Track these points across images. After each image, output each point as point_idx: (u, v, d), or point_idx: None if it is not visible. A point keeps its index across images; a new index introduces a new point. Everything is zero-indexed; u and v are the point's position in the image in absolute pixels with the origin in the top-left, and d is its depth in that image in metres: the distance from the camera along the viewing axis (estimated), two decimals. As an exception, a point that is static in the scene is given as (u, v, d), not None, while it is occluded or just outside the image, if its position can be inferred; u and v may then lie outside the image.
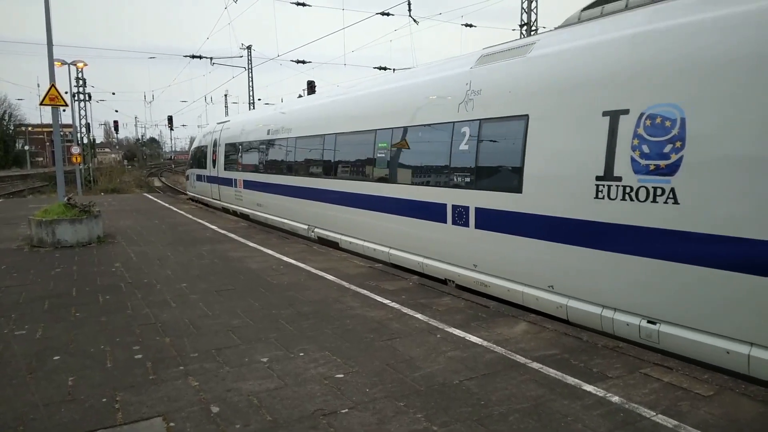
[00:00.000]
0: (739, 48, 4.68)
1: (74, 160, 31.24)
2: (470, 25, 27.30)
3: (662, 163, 5.14)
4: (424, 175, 8.59)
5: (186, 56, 33.61)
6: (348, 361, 5.02)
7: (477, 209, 7.45)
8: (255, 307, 6.85)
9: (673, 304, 5.15)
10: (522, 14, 22.13)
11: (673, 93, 5.12)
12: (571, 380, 4.55)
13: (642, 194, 5.31)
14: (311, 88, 33.29)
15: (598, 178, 5.70)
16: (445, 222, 8.01)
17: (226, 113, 61.27)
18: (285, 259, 10.05)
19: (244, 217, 17.10)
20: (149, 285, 8.10)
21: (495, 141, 7.25)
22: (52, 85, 13.61)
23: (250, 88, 43.28)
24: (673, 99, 5.12)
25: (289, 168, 13.66)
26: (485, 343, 5.46)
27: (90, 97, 41.65)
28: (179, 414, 4.00)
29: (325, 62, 38.81)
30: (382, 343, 5.50)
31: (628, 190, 5.43)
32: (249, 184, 16.58)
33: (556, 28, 7.26)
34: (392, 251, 9.50)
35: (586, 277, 5.99)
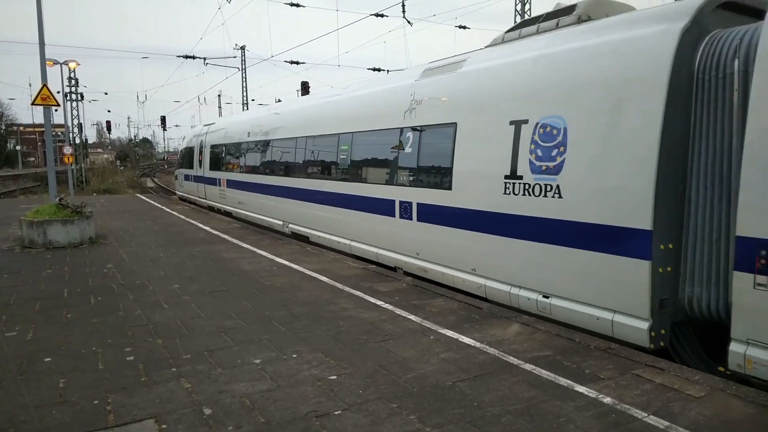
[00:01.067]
0: (600, 72, 5.90)
1: (66, 160, 31.05)
2: (464, 27, 27.34)
3: (551, 164, 6.25)
4: (377, 174, 9.66)
5: (179, 56, 33.50)
6: (341, 363, 5.02)
7: (418, 204, 8.50)
8: (248, 309, 6.84)
9: (560, 281, 6.28)
10: (516, 16, 22.20)
11: (559, 106, 6.23)
12: (563, 381, 4.56)
13: (537, 190, 6.42)
14: (305, 88, 33.26)
15: (506, 177, 6.81)
16: (394, 216, 9.07)
17: (220, 114, 61.08)
18: (278, 260, 10.03)
19: (227, 214, 18.05)
20: (141, 286, 8.06)
21: (432, 145, 8.28)
22: (44, 85, 13.54)
23: (244, 89, 43.20)
24: (559, 112, 6.22)
25: (266, 168, 14.70)
26: (478, 345, 5.47)
27: (82, 97, 41.42)
28: (171, 416, 3.98)
29: (319, 63, 38.87)
30: (376, 345, 5.50)
31: (527, 186, 6.55)
32: (231, 184, 17.50)
33: (484, 47, 8.47)
34: (353, 243, 10.48)
35: (498, 261, 7.10)
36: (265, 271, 9.05)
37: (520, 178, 6.60)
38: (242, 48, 41.62)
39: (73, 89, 38.67)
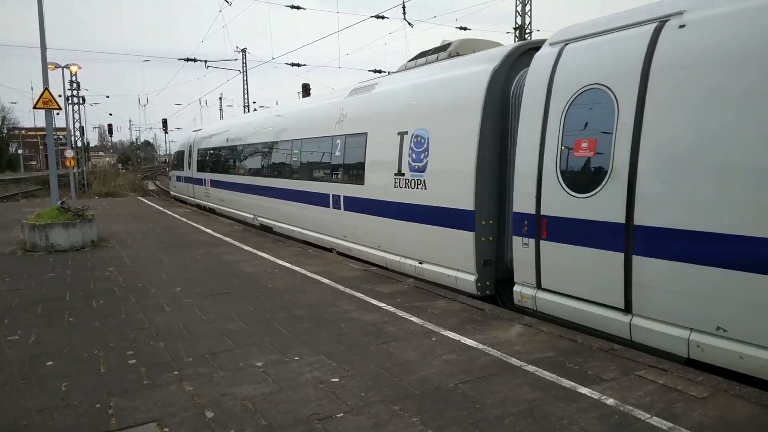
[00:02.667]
0: (450, 96, 8.01)
1: (68, 163, 31.11)
2: (465, 28, 27.36)
3: (420, 164, 8.34)
4: (318, 174, 11.76)
5: (180, 59, 33.51)
6: (343, 365, 5.01)
7: (344, 197, 10.59)
8: (250, 311, 6.83)
9: (428, 251, 8.40)
10: (516, 17, 22.21)
11: (425, 122, 8.32)
12: (566, 383, 4.55)
13: (413, 184, 8.52)
14: (306, 90, 33.29)
15: (395, 174, 8.91)
16: (329, 207, 11.18)
17: (221, 116, 61.17)
18: (280, 262, 10.03)
19: (211, 210, 20.22)
20: (143, 289, 8.06)
21: (352, 149, 10.27)
22: (46, 89, 13.56)
23: (245, 91, 43.24)
24: (425, 125, 8.31)
25: (239, 169, 17.03)
26: (480, 346, 5.46)
27: (84, 100, 41.53)
28: (173, 419, 3.98)
29: (320, 65, 38.81)
30: (378, 347, 5.49)
31: (407, 181, 8.66)
32: (214, 183, 19.79)
33: (391, 73, 10.87)
34: (304, 231, 12.58)
35: (392, 239, 9.23)
36: (266, 274, 9.05)
37: (403, 174, 8.76)
38: (243, 50, 41.69)
39: (75, 93, 38.75)
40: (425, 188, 8.26)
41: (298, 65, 33.74)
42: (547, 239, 6.37)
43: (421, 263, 8.56)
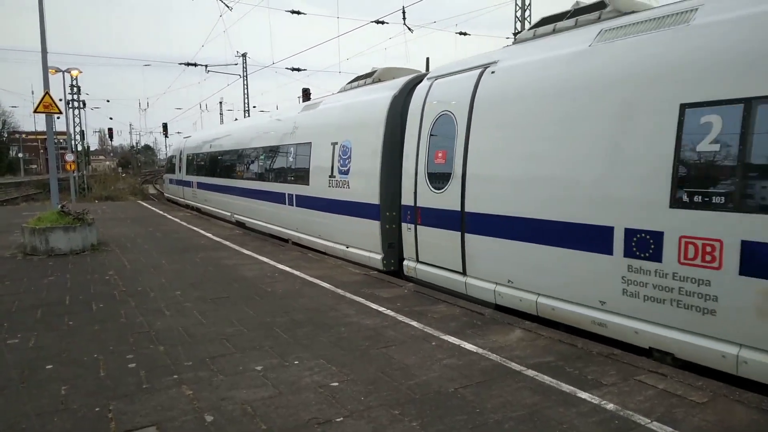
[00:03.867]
0: (365, 114, 10.10)
1: (68, 167, 31.11)
2: (464, 33, 27.43)
3: (345, 168, 10.38)
4: (278, 176, 13.90)
5: (181, 64, 33.56)
6: (343, 369, 5.00)
7: (296, 195, 12.73)
8: (249, 315, 6.83)
9: (352, 237, 10.35)
10: (516, 23, 22.27)
11: (349, 134, 10.41)
12: (566, 387, 4.55)
13: (341, 184, 10.56)
14: (306, 95, 33.32)
15: (329, 176, 11.01)
16: (285, 204, 13.28)
17: (221, 121, 61.27)
18: (280, 266, 10.04)
19: (198, 210, 22.28)
20: (143, 293, 8.06)
21: (301, 156, 12.42)
22: (47, 93, 13.59)
23: (245, 96, 43.31)
24: (349, 138, 10.39)
25: (219, 172, 19.19)
26: (480, 351, 5.46)
27: (84, 104, 41.60)
28: (173, 423, 3.98)
29: (320, 70, 39.01)
30: (377, 351, 5.49)
31: (337, 182, 10.71)
32: (200, 185, 21.88)
33: (334, 93, 13.05)
34: (269, 225, 14.57)
35: (328, 228, 11.29)
36: (266, 278, 9.05)
37: (334, 176, 10.81)
38: (243, 55, 41.79)
39: (75, 97, 38.82)
40: (348, 187, 10.38)
41: (299, 70, 33.82)
42: (421, 224, 8.50)
43: (347, 247, 10.63)
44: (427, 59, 17.19)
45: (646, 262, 5.35)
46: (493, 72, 7.35)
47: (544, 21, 7.49)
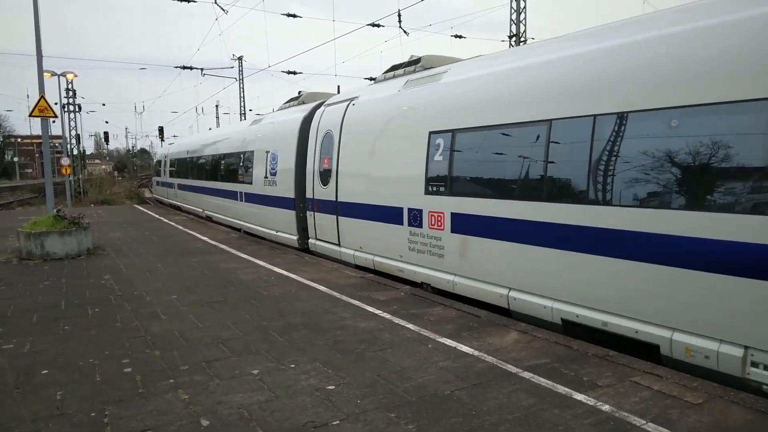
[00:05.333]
0: (287, 129, 13.16)
1: (64, 171, 30.97)
2: (460, 36, 27.49)
3: (274, 170, 13.30)
4: (233, 178, 16.91)
5: (177, 67, 33.50)
6: (339, 373, 5.00)
7: (245, 193, 15.71)
8: (245, 319, 6.82)
9: (279, 224, 13.27)
10: (511, 25, 22.34)
11: (275, 145, 13.47)
12: (562, 389, 4.56)
13: (272, 182, 13.43)
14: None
15: (264, 177, 14.00)
16: (238, 200, 16.39)
17: (217, 124, 61.22)
18: (276, 270, 10.03)
19: (178, 208, 25.33)
20: (139, 297, 8.04)
21: (248, 161, 15.42)
22: (42, 97, 13.55)
23: (241, 99, 43.28)
24: (275, 147, 13.38)
25: (193, 175, 22.27)
26: (476, 353, 5.47)
27: (80, 108, 41.41)
28: (169, 428, 3.97)
29: (316, 73, 38.97)
30: (374, 354, 5.49)
31: (269, 181, 13.65)
32: (180, 186, 24.91)
33: (273, 111, 16.87)
34: (228, 218, 17.56)
35: (265, 218, 14.28)
36: (262, 281, 9.04)
37: (267, 177, 13.87)
38: (239, 58, 41.73)
39: (71, 100, 38.72)
40: (276, 186, 13.43)
41: (294, 73, 33.80)
42: (317, 211, 11.56)
43: (277, 232, 13.64)
44: (338, 87, 19.45)
45: (416, 228, 8.46)
46: (353, 104, 10.58)
47: (391, 68, 10.56)
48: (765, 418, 3.99)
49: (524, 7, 22.24)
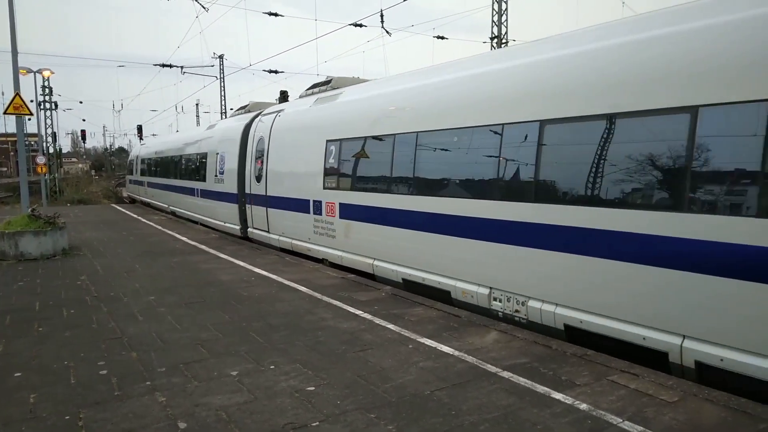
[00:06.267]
0: (232, 134, 15.26)
1: (39, 170, 30.41)
2: (442, 37, 27.57)
3: (222, 170, 15.44)
4: (191, 176, 18.85)
5: (156, 65, 33.06)
6: (319, 374, 4.98)
7: (200, 189, 17.64)
8: (225, 320, 6.76)
9: (224, 216, 15.53)
10: (492, 27, 22.48)
11: (223, 147, 15.61)
12: (540, 388, 4.59)
13: (220, 180, 15.58)
14: (284, 97, 33.07)
15: (214, 175, 16.01)
16: (195, 196, 18.30)
17: (198, 123, 60.63)
18: (257, 270, 9.96)
19: (148, 204, 27.06)
20: (116, 298, 7.92)
21: (203, 162, 17.36)
22: (17, 94, 13.29)
23: (222, 98, 42.88)
24: (225, 150, 15.47)
25: (159, 173, 24.22)
26: (457, 353, 5.49)
27: (56, 105, 40.65)
28: (145, 431, 3.91)
29: (298, 72, 38.74)
30: (354, 355, 5.48)
31: (218, 179, 15.77)
32: (149, 184, 26.67)
33: (227, 117, 21.96)
34: (189, 213, 19.22)
35: (216, 212, 16.22)
36: (242, 282, 8.97)
37: (217, 176, 15.79)
38: (220, 57, 41.34)
39: (47, 98, 38.01)
40: (224, 183, 15.37)
41: (276, 72, 33.57)
42: (252, 204, 13.64)
43: (225, 223, 15.60)
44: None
45: (318, 216, 10.66)
46: (279, 116, 12.72)
47: (311, 87, 12.67)
48: (738, 415, 4.07)
49: (506, 10, 22.39)
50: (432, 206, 7.70)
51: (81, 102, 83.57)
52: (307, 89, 12.64)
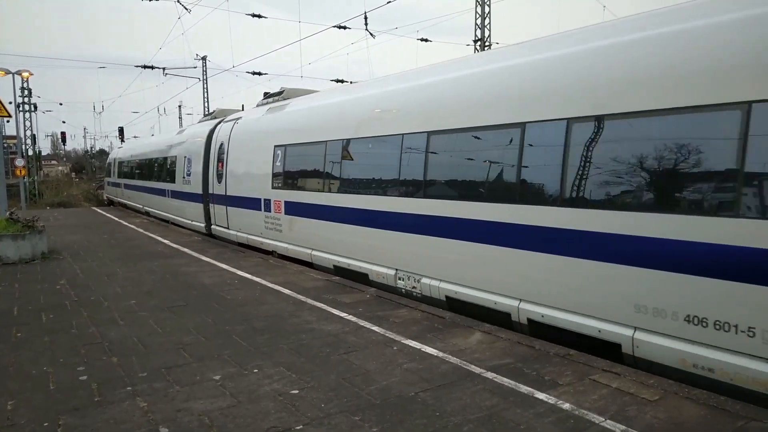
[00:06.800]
0: (197, 139, 16.57)
1: (18, 173, 29.93)
2: (426, 40, 27.66)
3: (189, 172, 16.61)
4: (163, 178, 19.73)
5: (138, 66, 32.73)
6: (303, 377, 4.96)
7: (171, 190, 18.63)
8: (208, 324, 6.70)
9: (191, 214, 16.70)
10: (476, 30, 22.61)
11: (190, 151, 16.81)
12: (524, 389, 4.62)
13: (188, 182, 16.68)
14: (268, 99, 32.90)
15: (182, 177, 17.14)
16: (166, 196, 19.33)
17: (180, 124, 60.11)
18: (240, 273, 9.89)
19: (124, 206, 28.02)
20: (96, 303, 7.81)
21: (172, 164, 18.44)
22: (-6, 96, 13.06)
23: (205, 99, 42.57)
24: (191, 153, 16.63)
25: (134, 176, 25.31)
26: (441, 354, 5.50)
27: (36, 107, 40.08)
28: (126, 436, 3.86)
29: (281, 74, 38.59)
30: (339, 357, 5.46)
31: (185, 181, 16.86)
32: (125, 186, 27.57)
33: (194, 124, 21.48)
34: (162, 213, 20.18)
35: (185, 210, 17.28)
36: (225, 285, 8.90)
37: (185, 177, 16.80)
38: (203, 58, 41.05)
39: (26, 100, 37.41)
40: (190, 184, 16.41)
41: (259, 74, 33.45)
42: (215, 204, 14.75)
43: (192, 221, 16.62)
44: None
45: (267, 213, 12.00)
46: (237, 123, 14.02)
47: (266, 96, 13.96)
48: (717, 413, 4.13)
49: (488, 13, 22.55)
50: (351, 202, 9.15)
51: (61, 104, 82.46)
52: (263, 99, 13.96)
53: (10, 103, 33.39)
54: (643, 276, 4.99)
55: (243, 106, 29.96)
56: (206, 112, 42.65)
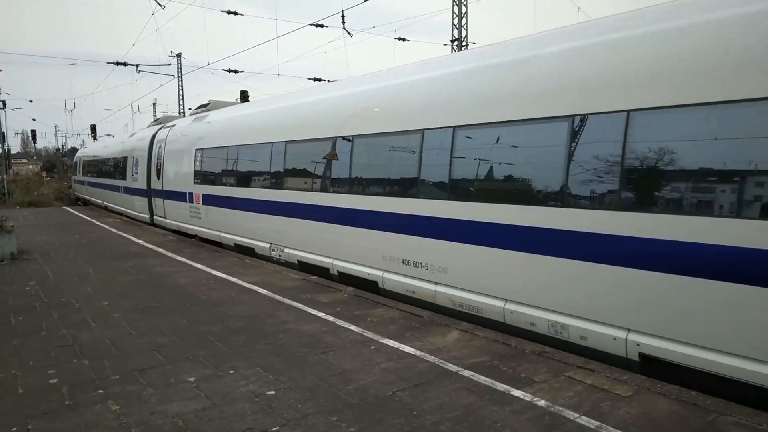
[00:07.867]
0: (143, 143, 19.01)
1: (-14, 171, 29.06)
2: (403, 39, 27.67)
3: (137, 171, 19.14)
4: (118, 175, 21.37)
5: (110, 63, 32.06)
6: (280, 377, 4.92)
7: (123, 187, 20.69)
8: (182, 325, 6.60)
9: (141, 208, 19.06)
10: (453, 30, 22.70)
11: (138, 152, 19.06)
12: (500, 386, 4.65)
13: (135, 179, 19.23)
14: (245, 98, 32.53)
15: (132, 175, 19.56)
16: (120, 192, 21.42)
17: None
18: (215, 273, 9.77)
19: (87, 202, 29.91)
20: (67, 304, 7.64)
21: (125, 163, 20.40)
22: (-41, 92, 12.68)
23: (180, 97, 41.95)
24: (139, 154, 18.87)
25: (94, 173, 27.36)
26: (418, 353, 5.50)
27: (4, 104, 38.99)
28: (98, 441, 3.77)
29: (258, 72, 38.17)
30: (316, 357, 5.43)
31: (134, 179, 19.31)
32: (90, 183, 28.93)
33: (145, 128, 22.52)
34: (118, 207, 22.12)
35: (134, 205, 19.63)
36: (201, 285, 8.78)
37: (133, 175, 19.28)
38: (178, 55, 40.43)
39: (-6, 96, 36.34)
40: (138, 181, 18.62)
41: (236, 72, 33.02)
42: (155, 197, 17.16)
43: (139, 213, 18.78)
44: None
45: (192, 204, 14.28)
46: (172, 129, 16.48)
47: (197, 107, 16.51)
48: (689, 407, 4.21)
49: (465, 13, 22.65)
50: (243, 194, 11.79)
51: (31, 101, 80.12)
52: (195, 109, 16.99)
53: (-23, 99, 32.42)
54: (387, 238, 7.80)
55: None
56: (180, 110, 42.12)
